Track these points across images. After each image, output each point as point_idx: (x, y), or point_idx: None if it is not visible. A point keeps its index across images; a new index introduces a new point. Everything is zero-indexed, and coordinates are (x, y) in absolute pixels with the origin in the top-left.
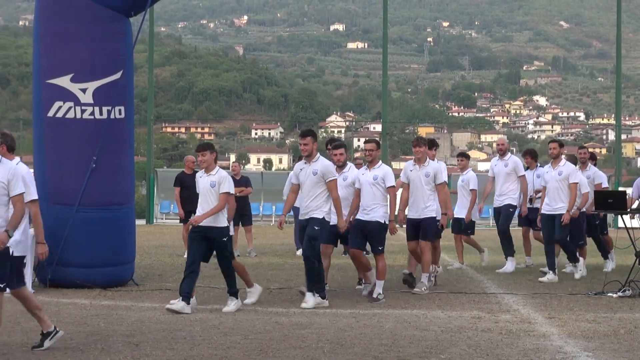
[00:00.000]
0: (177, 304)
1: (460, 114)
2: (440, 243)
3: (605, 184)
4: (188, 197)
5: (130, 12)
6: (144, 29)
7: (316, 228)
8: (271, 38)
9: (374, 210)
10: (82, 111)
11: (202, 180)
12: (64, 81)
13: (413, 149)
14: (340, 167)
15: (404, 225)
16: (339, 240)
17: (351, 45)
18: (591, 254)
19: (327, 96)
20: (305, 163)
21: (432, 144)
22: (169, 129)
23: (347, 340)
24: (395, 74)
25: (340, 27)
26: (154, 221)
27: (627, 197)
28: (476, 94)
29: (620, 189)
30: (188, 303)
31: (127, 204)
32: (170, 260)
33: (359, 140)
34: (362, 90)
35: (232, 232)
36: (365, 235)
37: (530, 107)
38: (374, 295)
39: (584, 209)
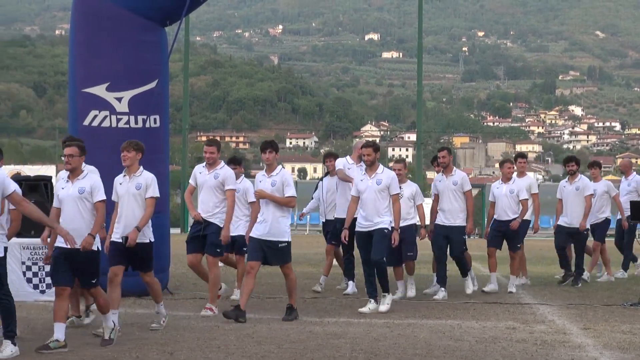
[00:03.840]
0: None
1: (495, 124)
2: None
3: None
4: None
5: (165, 21)
6: (180, 39)
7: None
8: (306, 47)
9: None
10: (118, 120)
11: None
12: (100, 90)
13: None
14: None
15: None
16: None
17: (386, 55)
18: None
19: (362, 105)
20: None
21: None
22: (203, 138)
23: (381, 350)
24: (430, 84)
25: (375, 36)
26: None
27: None
28: (511, 103)
29: None
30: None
31: (161, 213)
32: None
33: (393, 149)
34: (397, 99)
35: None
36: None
37: (566, 117)
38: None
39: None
